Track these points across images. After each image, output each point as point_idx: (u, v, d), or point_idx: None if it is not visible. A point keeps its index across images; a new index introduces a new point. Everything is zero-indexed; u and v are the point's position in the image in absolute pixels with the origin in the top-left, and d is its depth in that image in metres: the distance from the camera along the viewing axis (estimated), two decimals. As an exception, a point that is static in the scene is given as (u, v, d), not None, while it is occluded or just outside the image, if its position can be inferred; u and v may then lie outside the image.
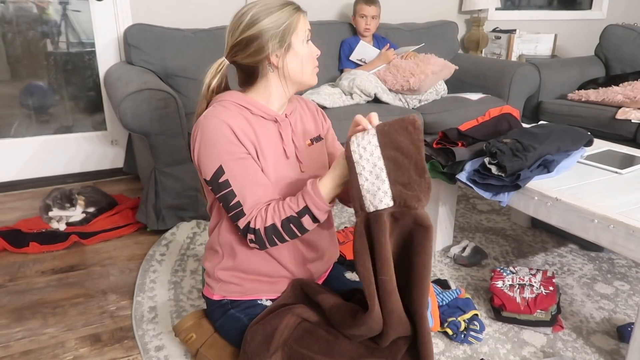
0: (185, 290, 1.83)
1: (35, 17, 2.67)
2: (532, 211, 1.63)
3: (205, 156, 1.19)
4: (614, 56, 3.36)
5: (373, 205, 1.06)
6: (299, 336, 1.19)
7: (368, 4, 2.90)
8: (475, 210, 2.53)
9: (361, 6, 2.91)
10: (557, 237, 2.25)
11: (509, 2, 4.15)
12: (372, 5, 2.91)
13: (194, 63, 2.61)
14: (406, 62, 2.78)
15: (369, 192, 1.06)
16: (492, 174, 1.67)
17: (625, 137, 2.61)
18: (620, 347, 1.56)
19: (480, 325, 1.58)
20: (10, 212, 2.48)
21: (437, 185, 2.03)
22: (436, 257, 2.08)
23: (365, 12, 2.90)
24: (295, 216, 1.15)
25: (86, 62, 2.84)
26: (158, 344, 1.56)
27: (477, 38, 3.70)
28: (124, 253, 2.12)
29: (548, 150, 1.70)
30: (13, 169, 2.79)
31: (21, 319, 1.69)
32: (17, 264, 2.03)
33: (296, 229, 1.16)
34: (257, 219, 1.16)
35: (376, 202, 1.06)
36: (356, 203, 1.08)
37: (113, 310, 1.74)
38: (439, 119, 2.68)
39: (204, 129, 1.20)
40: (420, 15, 3.48)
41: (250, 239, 1.19)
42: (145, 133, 2.08)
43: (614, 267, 2.01)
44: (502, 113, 2.04)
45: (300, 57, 1.25)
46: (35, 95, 2.79)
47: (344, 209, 2.48)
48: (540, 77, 3.08)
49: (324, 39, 2.95)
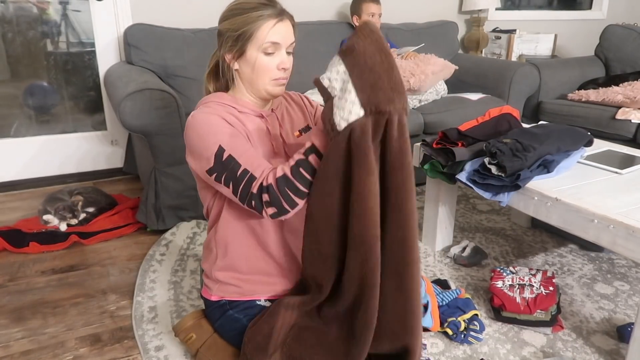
0: (185, 290, 1.83)
1: (35, 17, 2.67)
2: (532, 211, 1.63)
3: (203, 146, 1.18)
4: (614, 56, 3.36)
5: (344, 120, 0.99)
6: (296, 335, 1.19)
7: (375, 2, 2.90)
8: (475, 210, 2.53)
9: (368, 5, 2.90)
10: (557, 237, 2.25)
11: (509, 2, 4.15)
12: (378, 3, 2.92)
13: (194, 63, 2.61)
14: (406, 62, 2.78)
15: (338, 107, 1.00)
16: (492, 174, 1.67)
17: (625, 137, 2.61)
18: (620, 347, 1.56)
19: (480, 326, 1.58)
20: (10, 212, 2.48)
21: (437, 185, 2.03)
22: (436, 257, 2.08)
23: (374, 10, 2.90)
24: (302, 158, 1.10)
25: (86, 62, 2.84)
26: (158, 344, 1.56)
27: (477, 38, 3.70)
28: (124, 253, 2.12)
29: (548, 150, 1.70)
30: (13, 169, 2.79)
31: (21, 319, 1.69)
32: (17, 264, 2.03)
33: (305, 172, 1.09)
34: (269, 176, 1.12)
35: (346, 115, 0.98)
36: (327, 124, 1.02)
37: (113, 310, 1.74)
38: (439, 119, 2.68)
39: (194, 125, 1.20)
40: (420, 15, 3.48)
41: (266, 200, 1.12)
42: (145, 133, 2.08)
43: (614, 267, 2.01)
44: (502, 113, 2.04)
45: (251, 66, 1.22)
46: (39, 95, 2.79)
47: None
48: (540, 77, 3.08)
49: (323, 39, 2.95)
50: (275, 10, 1.21)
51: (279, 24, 1.20)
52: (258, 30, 1.19)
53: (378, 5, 2.91)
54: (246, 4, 1.20)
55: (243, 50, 1.21)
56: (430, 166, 1.94)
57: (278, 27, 1.20)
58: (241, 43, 1.20)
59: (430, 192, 2.08)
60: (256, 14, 1.18)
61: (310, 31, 2.92)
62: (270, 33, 1.19)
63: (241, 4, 1.21)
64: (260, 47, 1.20)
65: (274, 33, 1.20)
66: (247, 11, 1.19)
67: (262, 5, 1.20)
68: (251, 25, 1.18)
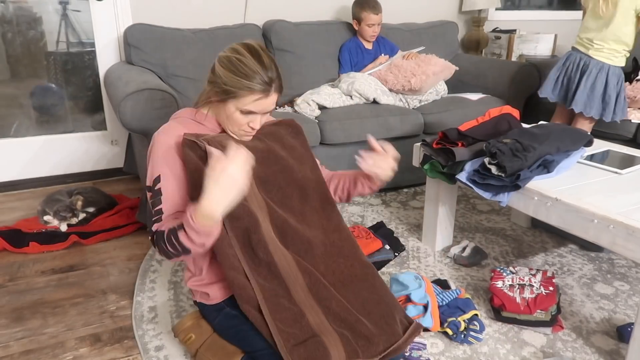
0: (185, 290, 1.83)
1: (35, 17, 2.67)
2: (532, 211, 1.63)
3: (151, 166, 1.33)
4: (614, 56, 3.35)
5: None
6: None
7: (375, 12, 2.89)
8: (475, 210, 2.53)
9: (368, 15, 2.88)
10: (557, 237, 2.25)
11: (509, 2, 4.14)
12: (379, 13, 2.91)
13: (194, 63, 2.61)
14: (407, 63, 2.78)
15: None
16: (492, 174, 1.67)
17: (625, 137, 2.61)
18: (620, 347, 1.56)
19: (480, 325, 1.58)
20: (10, 212, 2.48)
21: (437, 185, 2.03)
22: (436, 257, 2.08)
23: (373, 21, 2.90)
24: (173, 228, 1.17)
25: (86, 62, 2.84)
26: (158, 344, 1.56)
27: (477, 38, 3.69)
28: (124, 253, 2.12)
29: (548, 150, 1.70)
30: (13, 169, 2.79)
31: (21, 319, 1.69)
32: (17, 264, 2.03)
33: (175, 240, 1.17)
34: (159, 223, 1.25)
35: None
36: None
37: (113, 310, 1.74)
38: (439, 119, 2.68)
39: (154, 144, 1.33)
40: (420, 15, 3.48)
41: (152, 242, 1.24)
42: (145, 133, 2.08)
43: (614, 267, 2.01)
44: (502, 113, 2.04)
45: (227, 114, 1.30)
46: (47, 98, 2.79)
47: (343, 208, 2.48)
48: (540, 77, 3.07)
49: (323, 39, 2.95)
50: (265, 84, 1.25)
51: (263, 99, 1.27)
52: (242, 97, 1.25)
53: (378, 16, 2.91)
54: (244, 66, 1.24)
55: (225, 100, 1.28)
56: (430, 166, 1.94)
57: (261, 101, 1.27)
58: (225, 95, 1.26)
59: (430, 192, 2.08)
60: (247, 84, 1.24)
61: (310, 31, 2.92)
62: (251, 104, 1.27)
63: (241, 62, 1.24)
64: (238, 107, 1.27)
65: (255, 105, 1.27)
66: (242, 75, 1.24)
67: (256, 74, 1.24)
68: (238, 90, 1.24)
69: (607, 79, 2.37)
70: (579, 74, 2.41)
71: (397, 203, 2.61)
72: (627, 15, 2.27)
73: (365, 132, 2.49)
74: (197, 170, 1.22)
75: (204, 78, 1.35)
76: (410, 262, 2.04)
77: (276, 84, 1.28)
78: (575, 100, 2.41)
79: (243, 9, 3.00)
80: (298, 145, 1.46)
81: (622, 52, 2.36)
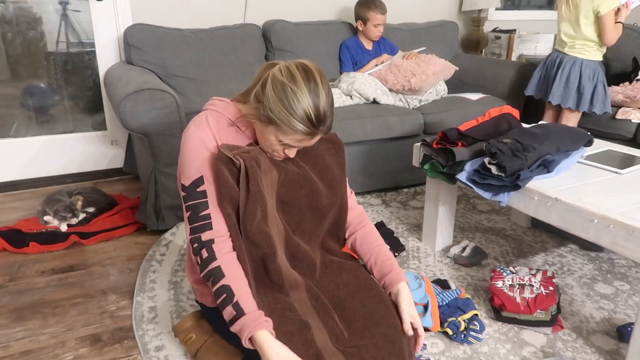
0: (185, 290, 1.83)
1: (35, 17, 2.67)
2: (532, 211, 1.63)
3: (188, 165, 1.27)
4: (614, 56, 3.35)
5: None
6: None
7: (382, 12, 2.89)
8: (475, 210, 2.53)
9: (375, 15, 2.88)
10: (557, 237, 2.25)
11: (509, 2, 4.14)
12: (385, 13, 2.91)
13: (194, 63, 2.60)
14: (407, 62, 2.78)
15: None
16: (492, 174, 1.67)
17: (625, 137, 2.61)
18: (620, 347, 1.56)
19: (480, 325, 1.58)
20: (10, 212, 2.48)
21: (437, 185, 2.03)
22: (436, 257, 2.08)
23: (380, 21, 2.90)
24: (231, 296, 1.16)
25: (86, 62, 2.84)
26: (158, 344, 1.56)
27: (477, 38, 3.69)
28: (124, 253, 2.12)
29: (548, 150, 1.70)
30: (13, 169, 2.79)
31: (21, 319, 1.69)
32: (17, 264, 2.03)
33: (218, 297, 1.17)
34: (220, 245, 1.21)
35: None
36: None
37: (113, 310, 1.74)
38: (439, 119, 2.68)
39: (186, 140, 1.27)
40: (420, 15, 3.48)
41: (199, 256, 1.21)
42: (145, 133, 2.08)
43: (614, 267, 2.01)
44: (502, 113, 2.04)
45: (265, 136, 1.24)
46: (36, 96, 2.78)
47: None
48: (540, 77, 3.07)
49: (324, 39, 2.95)
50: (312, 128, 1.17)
51: (307, 140, 1.21)
52: (286, 132, 1.18)
53: (384, 16, 2.91)
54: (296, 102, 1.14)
55: (267, 124, 1.20)
56: (430, 166, 1.94)
57: (303, 141, 1.21)
58: (270, 121, 1.18)
59: (430, 192, 2.08)
60: (293, 123, 1.15)
61: (310, 31, 2.92)
62: (293, 140, 1.20)
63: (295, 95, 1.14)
64: (278, 137, 1.21)
65: (295, 141, 1.21)
66: (291, 112, 1.14)
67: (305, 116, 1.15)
68: (284, 126, 1.16)
69: (581, 72, 2.56)
70: (555, 69, 2.64)
71: (397, 203, 2.61)
72: (588, 16, 2.49)
73: (365, 132, 2.49)
74: (227, 188, 1.21)
75: (204, 78, 1.34)
76: (411, 262, 2.04)
77: (324, 128, 1.19)
78: (552, 93, 2.62)
79: (243, 9, 3.00)
80: (334, 165, 1.39)
81: (593, 47, 2.55)
